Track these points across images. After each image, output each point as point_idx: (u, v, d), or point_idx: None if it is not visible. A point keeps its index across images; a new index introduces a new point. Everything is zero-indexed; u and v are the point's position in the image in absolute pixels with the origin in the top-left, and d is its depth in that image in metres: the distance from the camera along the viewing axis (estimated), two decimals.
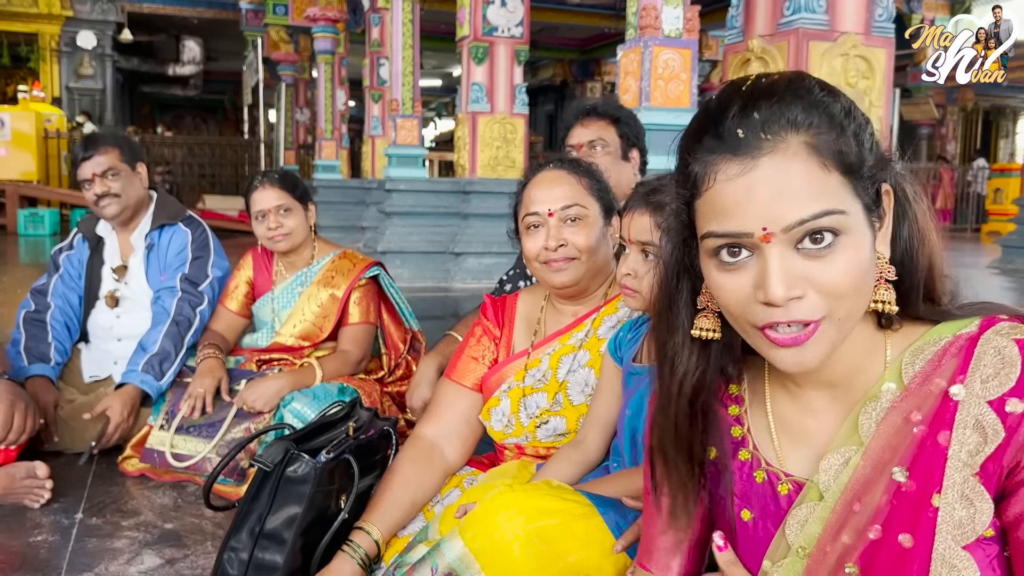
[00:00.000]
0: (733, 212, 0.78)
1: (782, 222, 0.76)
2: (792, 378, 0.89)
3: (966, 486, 0.78)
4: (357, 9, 11.58)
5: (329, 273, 2.56)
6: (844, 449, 0.84)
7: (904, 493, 0.80)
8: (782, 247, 0.77)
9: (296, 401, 2.25)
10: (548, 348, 1.65)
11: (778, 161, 0.77)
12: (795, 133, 0.77)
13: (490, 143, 6.81)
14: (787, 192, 0.76)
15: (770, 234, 0.76)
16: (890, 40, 3.56)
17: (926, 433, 0.80)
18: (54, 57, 15.24)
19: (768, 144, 0.77)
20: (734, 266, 0.80)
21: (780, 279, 0.76)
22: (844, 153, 0.78)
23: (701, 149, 0.81)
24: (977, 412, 0.78)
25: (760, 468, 0.92)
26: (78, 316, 2.77)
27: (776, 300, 0.76)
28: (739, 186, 0.78)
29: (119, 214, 2.68)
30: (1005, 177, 13.51)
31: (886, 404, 0.83)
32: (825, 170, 0.77)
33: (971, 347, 0.80)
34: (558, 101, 18.58)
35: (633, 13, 4.22)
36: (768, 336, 0.79)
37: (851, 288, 0.78)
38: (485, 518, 1.17)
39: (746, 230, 0.77)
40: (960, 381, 0.79)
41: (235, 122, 20.60)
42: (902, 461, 0.80)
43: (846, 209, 0.77)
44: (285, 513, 1.51)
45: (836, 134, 0.78)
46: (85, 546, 1.91)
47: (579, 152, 2.27)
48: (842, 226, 0.77)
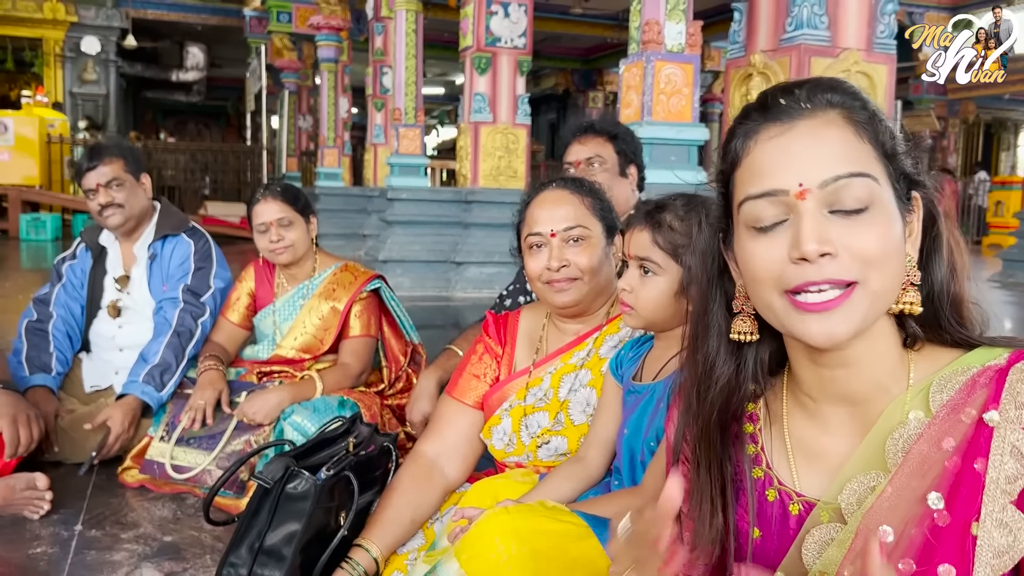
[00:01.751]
0: (771, 171, 0.81)
1: (818, 178, 0.78)
2: (809, 392, 0.89)
3: (1004, 514, 0.76)
4: (360, 18, 11.63)
5: (330, 286, 2.57)
6: (869, 475, 0.83)
7: (940, 527, 0.78)
8: (816, 205, 0.78)
9: (296, 414, 2.25)
10: (550, 367, 1.66)
11: (816, 125, 0.81)
12: (833, 108, 0.82)
13: (492, 153, 6.82)
14: (823, 151, 0.79)
15: (805, 191, 0.78)
16: (891, 56, 3.57)
17: (961, 460, 0.79)
18: (58, 62, 15.28)
19: (808, 111, 0.81)
20: (768, 233, 0.81)
21: (813, 234, 0.77)
22: (880, 134, 0.82)
23: (745, 123, 0.85)
24: (1014, 439, 0.77)
25: (772, 487, 0.91)
26: (80, 326, 2.78)
27: (809, 254, 0.77)
28: (777, 145, 0.81)
29: (123, 224, 2.69)
30: (1006, 190, 13.52)
31: (913, 432, 0.82)
32: (860, 140, 0.80)
33: (1001, 377, 0.80)
34: (560, 110, 18.62)
35: (636, 28, 4.24)
36: (798, 303, 0.79)
37: (882, 256, 0.78)
38: (481, 540, 1.17)
39: (782, 186, 0.79)
40: (994, 408, 0.79)
41: (238, 128, 20.63)
42: (936, 487, 0.79)
43: (879, 179, 0.80)
44: (285, 530, 1.51)
45: (871, 118, 0.82)
46: (84, 559, 1.91)
47: (577, 169, 2.29)
48: (873, 195, 0.79)
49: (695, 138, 4.39)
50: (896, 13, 3.67)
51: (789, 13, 3.43)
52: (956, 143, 16.42)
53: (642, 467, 1.38)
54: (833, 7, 3.43)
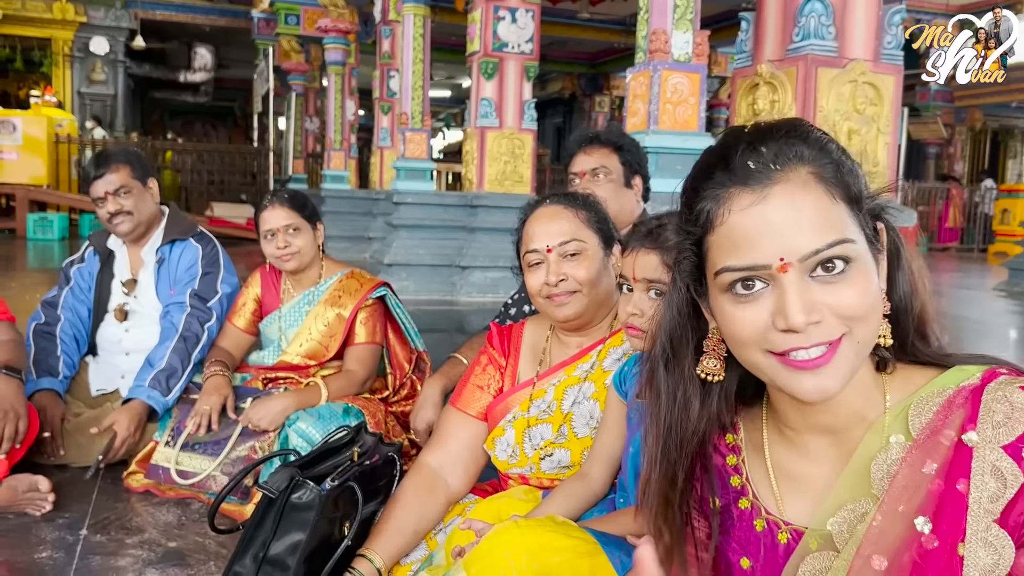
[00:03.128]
0: (749, 244, 0.80)
1: (798, 252, 0.78)
2: (790, 424, 0.90)
3: (989, 533, 0.77)
4: (368, 21, 11.66)
5: (336, 293, 2.58)
6: (857, 503, 0.84)
7: (928, 550, 0.79)
8: (798, 275, 0.79)
9: (301, 420, 2.26)
10: (553, 379, 1.66)
11: (789, 191, 0.80)
12: (802, 165, 0.81)
13: (498, 158, 6.84)
14: (801, 222, 0.79)
15: (787, 264, 0.78)
16: (899, 67, 3.57)
17: (944, 483, 0.79)
18: (67, 62, 15.37)
19: (779, 175, 0.80)
20: (749, 298, 0.81)
21: (799, 306, 0.78)
22: (848, 185, 0.82)
23: (712, 184, 0.83)
24: (993, 458, 0.78)
25: (760, 516, 0.92)
26: (87, 329, 2.80)
27: (797, 326, 0.78)
28: (754, 216, 0.80)
29: (132, 231, 2.71)
30: (1013, 198, 13.51)
31: (896, 456, 0.83)
32: (832, 200, 0.80)
33: (976, 397, 0.81)
34: (566, 115, 18.64)
35: (643, 36, 4.24)
36: (788, 361, 0.80)
37: (866, 311, 0.80)
38: (490, 554, 1.18)
39: (763, 262, 0.79)
40: (971, 428, 0.80)
41: (244, 130, 20.72)
42: (922, 511, 0.80)
43: (854, 238, 0.80)
44: (289, 539, 1.52)
45: (838, 167, 0.82)
46: (89, 563, 1.92)
47: (582, 180, 2.29)
48: (852, 254, 0.79)
49: (701, 147, 4.35)
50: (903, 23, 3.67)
51: (796, 23, 3.43)
52: (963, 151, 16.40)
53: None
54: (840, 17, 3.44)
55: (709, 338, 0.91)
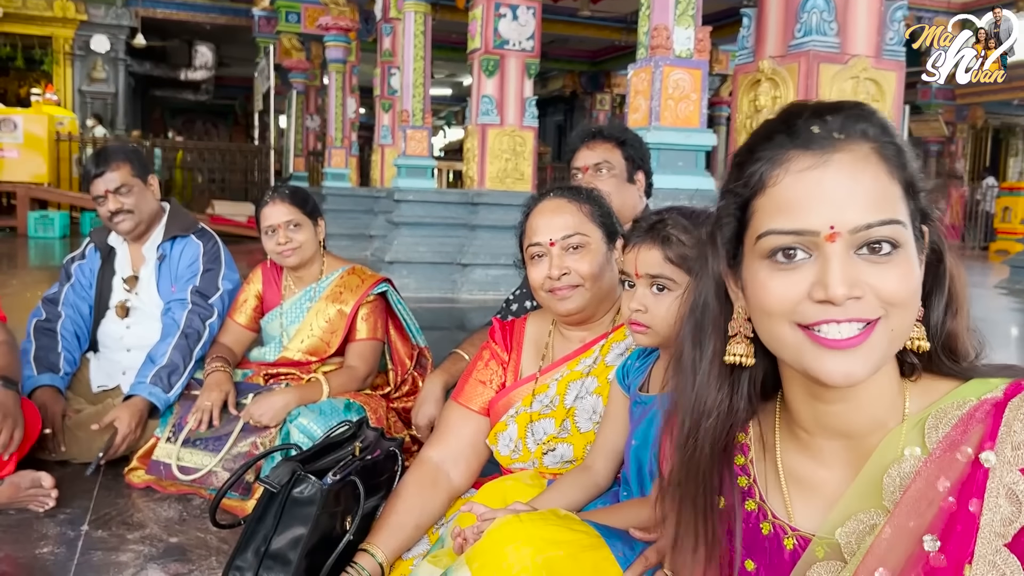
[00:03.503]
0: (801, 208, 0.77)
1: (850, 223, 0.76)
2: (803, 425, 0.88)
3: (998, 557, 0.75)
4: (369, 19, 11.65)
5: (337, 289, 2.58)
6: (867, 513, 0.82)
7: (935, 568, 0.77)
8: (844, 248, 0.76)
9: (302, 416, 2.26)
10: (556, 374, 1.66)
11: (850, 161, 0.77)
12: (866, 140, 0.79)
13: (499, 155, 6.84)
14: (857, 193, 0.77)
15: (836, 233, 0.76)
16: (901, 63, 3.57)
17: (955, 502, 0.77)
18: (67, 60, 15.36)
19: (842, 143, 0.78)
20: (788, 267, 0.79)
21: (842, 278, 0.75)
22: (907, 171, 0.80)
23: (770, 145, 0.81)
24: (1010, 480, 0.75)
25: (767, 520, 0.90)
26: (88, 326, 2.79)
27: (837, 298, 0.75)
28: (810, 180, 0.77)
29: (133, 229, 2.70)
30: (1014, 196, 13.50)
31: (910, 469, 0.80)
32: (891, 180, 0.79)
33: (998, 413, 0.78)
34: (567, 112, 18.62)
35: (644, 32, 4.24)
36: (817, 337, 0.77)
37: (906, 299, 0.78)
38: (492, 548, 1.17)
39: (813, 227, 0.77)
40: (989, 448, 0.77)
41: (245, 128, 20.71)
42: (932, 529, 0.77)
43: (905, 222, 0.78)
44: (290, 534, 1.52)
45: (899, 151, 0.80)
46: (90, 559, 1.92)
47: (585, 174, 2.29)
48: (900, 238, 0.77)
49: (703, 143, 4.39)
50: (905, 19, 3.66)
51: (798, 19, 3.43)
52: (964, 148, 16.38)
53: (650, 478, 1.38)
54: (842, 14, 3.43)
55: (734, 319, 0.88)
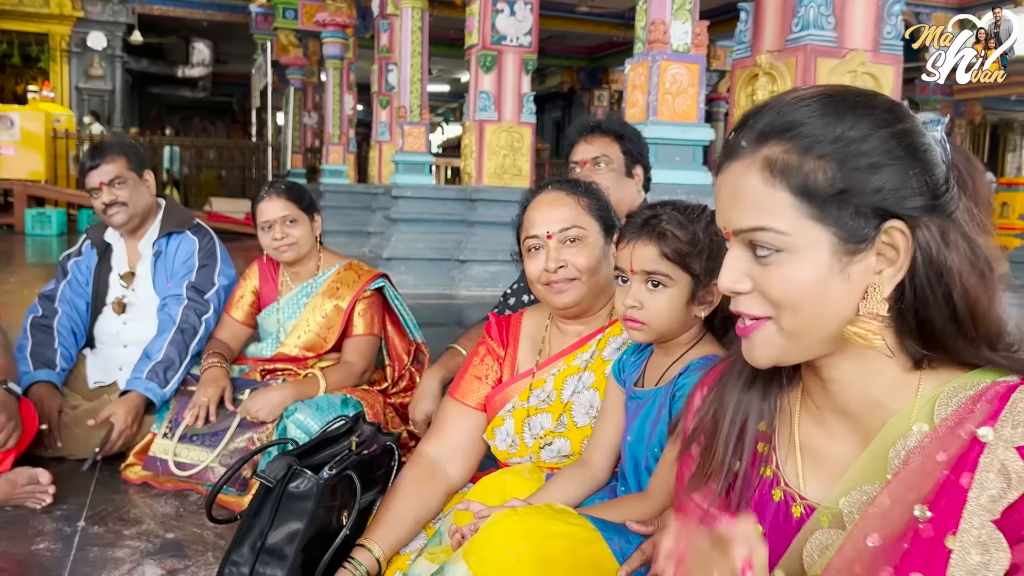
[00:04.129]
0: (719, 207, 0.89)
1: (730, 226, 0.86)
2: (815, 400, 0.92)
3: (983, 531, 0.75)
4: (366, 15, 11.62)
5: (334, 284, 2.57)
6: (871, 486, 0.84)
7: (922, 537, 0.78)
8: (739, 246, 0.85)
9: (299, 412, 2.25)
10: (553, 368, 1.65)
11: (738, 169, 0.85)
12: (762, 145, 0.83)
13: (497, 151, 6.82)
14: (735, 200, 0.85)
15: (727, 232, 0.87)
16: (898, 57, 3.56)
17: (949, 474, 0.78)
18: (64, 57, 15.32)
19: (741, 152, 0.85)
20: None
21: (727, 272, 0.86)
22: (806, 176, 0.80)
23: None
24: (1004, 457, 0.76)
25: (779, 487, 0.93)
26: (85, 322, 2.79)
27: (722, 289, 0.87)
28: (719, 184, 0.88)
29: (127, 222, 2.69)
30: (1012, 191, 13.48)
31: (914, 443, 0.82)
32: (771, 187, 0.82)
33: (1007, 394, 0.78)
34: (565, 108, 18.59)
35: (642, 27, 4.23)
36: (736, 327, 0.89)
37: (789, 302, 0.82)
38: (490, 542, 1.17)
39: (721, 224, 0.88)
40: (990, 424, 0.77)
41: (243, 125, 20.68)
42: (924, 500, 0.79)
43: (786, 230, 0.81)
44: (287, 528, 1.51)
45: (804, 156, 0.80)
46: (87, 555, 1.91)
47: (583, 168, 2.28)
48: (780, 244, 0.81)
49: (700, 138, 4.38)
50: (903, 14, 3.65)
51: (795, 13, 3.42)
52: (962, 144, 16.32)
53: (647, 473, 1.38)
54: (840, 8, 3.42)
55: None
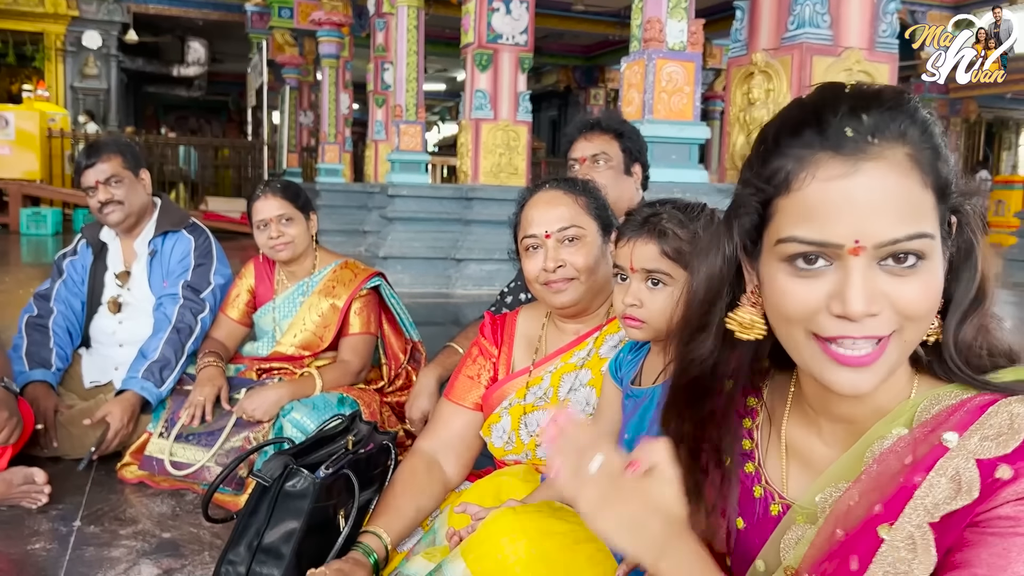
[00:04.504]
0: (826, 218, 0.74)
1: (876, 238, 0.73)
2: (811, 404, 0.88)
3: (917, 532, 0.74)
4: (362, 13, 11.61)
5: (330, 283, 2.57)
6: (846, 483, 0.83)
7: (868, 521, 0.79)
8: (868, 261, 0.73)
9: (296, 411, 2.25)
10: (550, 366, 1.65)
11: (882, 170, 0.73)
12: (902, 144, 0.74)
13: (493, 150, 6.82)
14: (886, 207, 0.73)
15: (860, 248, 0.73)
16: (894, 56, 3.57)
17: (908, 476, 0.77)
18: (59, 57, 15.27)
19: (875, 150, 0.74)
20: (809, 273, 0.76)
21: (862, 294, 0.73)
22: (940, 175, 0.76)
23: (798, 143, 0.77)
24: (960, 465, 0.74)
25: (760, 484, 0.92)
26: (80, 321, 2.78)
27: (855, 315, 0.73)
28: (838, 189, 0.73)
29: (123, 221, 2.69)
30: (1007, 189, 13.52)
31: (888, 445, 0.81)
32: (924, 188, 0.75)
33: (985, 407, 0.77)
34: (561, 107, 18.59)
35: (637, 25, 4.23)
36: (831, 352, 0.76)
37: (926, 312, 0.76)
38: (488, 540, 1.17)
39: (837, 241, 0.74)
40: (959, 432, 0.76)
41: (239, 124, 20.62)
42: (883, 499, 0.78)
43: (933, 233, 0.75)
44: (283, 528, 1.51)
45: (935, 153, 0.76)
46: (83, 555, 1.91)
47: (582, 166, 2.27)
48: (927, 250, 0.74)
49: (696, 136, 4.38)
50: (898, 12, 3.66)
51: (791, 12, 3.43)
52: (957, 142, 16.40)
53: None
54: (835, 6, 3.43)
55: (747, 294, 0.87)
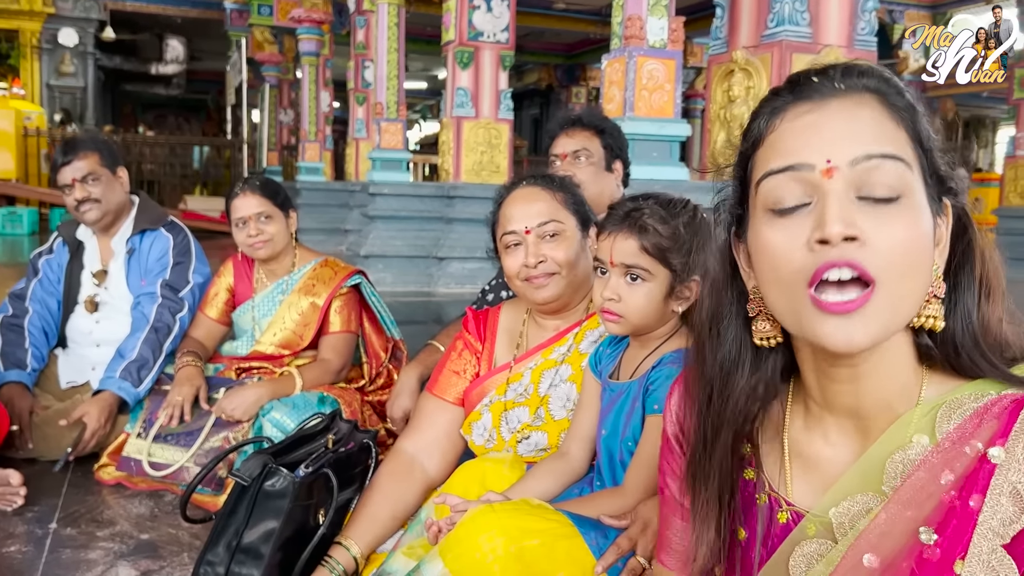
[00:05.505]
0: (797, 146, 0.75)
1: (848, 155, 0.73)
2: (815, 398, 0.85)
3: (993, 557, 0.71)
4: (342, 11, 11.56)
5: (310, 281, 2.55)
6: (865, 496, 0.79)
7: (926, 560, 0.74)
8: (844, 187, 0.73)
9: (275, 410, 2.24)
10: (530, 362, 1.65)
11: (849, 104, 0.75)
12: (869, 93, 0.76)
13: (474, 148, 6.80)
14: (856, 127, 0.74)
15: (833, 168, 0.72)
16: (872, 53, 3.59)
17: (956, 496, 0.74)
18: (35, 54, 15.08)
19: (841, 92, 0.76)
20: (789, 216, 0.75)
21: (839, 215, 0.71)
22: (916, 124, 0.76)
23: (772, 102, 0.80)
24: (1015, 479, 0.72)
25: (763, 491, 0.89)
26: (56, 321, 2.74)
27: (833, 236, 0.71)
28: (806, 122, 0.76)
29: (100, 219, 2.65)
30: (984, 187, 13.67)
31: (915, 457, 0.77)
32: (896, 124, 0.75)
33: (1016, 410, 0.74)
34: (543, 105, 18.59)
35: (618, 23, 4.23)
36: (818, 301, 0.73)
37: (904, 257, 0.73)
38: (466, 539, 1.16)
39: (808, 160, 0.74)
40: (1000, 444, 0.73)
41: (218, 122, 20.48)
42: (929, 522, 0.74)
43: (912, 166, 0.74)
44: (263, 527, 1.49)
45: (909, 107, 0.77)
46: (59, 557, 1.88)
47: (563, 162, 2.27)
48: (906, 184, 0.73)
49: (677, 134, 4.39)
50: (876, 11, 3.68)
51: (771, 9, 3.44)
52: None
53: (622, 467, 1.38)
54: (814, 4, 3.45)
55: (752, 299, 0.84)
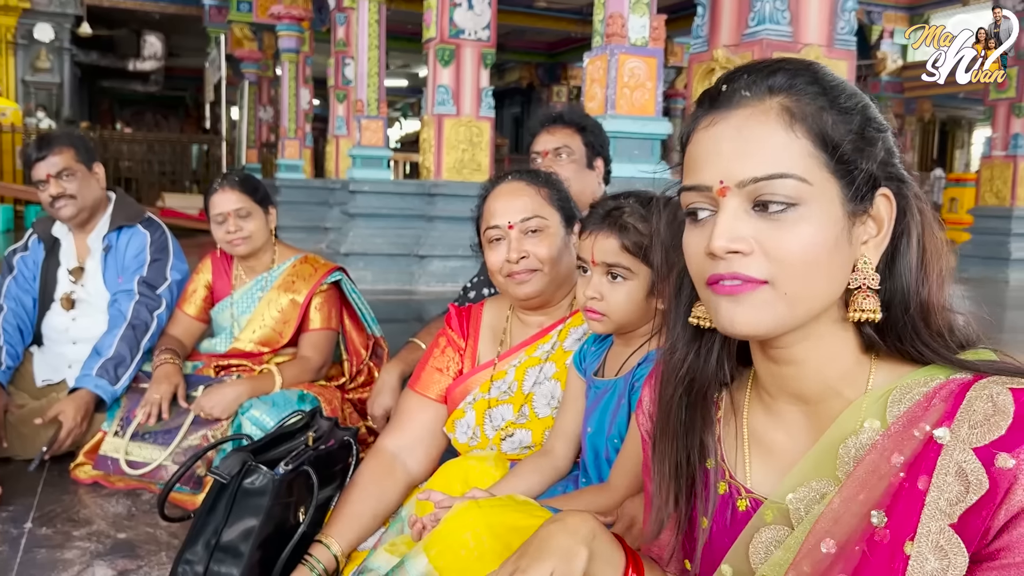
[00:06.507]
0: (701, 164, 0.80)
1: (736, 177, 0.76)
2: (766, 386, 0.88)
3: (941, 536, 0.73)
4: (323, 8, 11.49)
5: (290, 278, 2.53)
6: (820, 482, 0.82)
7: (877, 542, 0.76)
8: (737, 203, 0.77)
9: (255, 408, 2.21)
10: (514, 359, 1.64)
11: (747, 116, 0.78)
12: (774, 96, 0.78)
13: (456, 146, 6.79)
14: (748, 148, 0.77)
15: (725, 188, 0.77)
16: (852, 52, 3.62)
17: (905, 477, 0.75)
18: (10, 50, 14.89)
19: (745, 100, 0.78)
20: (699, 224, 0.80)
21: (723, 231, 0.76)
22: (824, 125, 0.77)
23: (695, 113, 0.83)
24: (960, 458, 0.73)
25: (723, 479, 0.91)
26: (32, 319, 2.71)
27: (715, 250, 0.76)
28: (708, 136, 0.79)
29: (75, 216, 2.62)
30: (960, 187, 13.79)
31: (866, 442, 0.79)
32: (792, 134, 0.76)
33: (962, 393, 0.76)
34: (524, 104, 18.60)
35: (600, 21, 4.23)
36: (714, 287, 0.78)
37: (800, 262, 0.75)
38: (451, 535, 1.15)
39: (706, 183, 0.78)
40: (946, 425, 0.75)
41: (197, 119, 20.33)
42: (880, 504, 0.76)
43: (809, 180, 0.75)
44: (242, 526, 1.47)
45: (821, 106, 0.78)
46: (34, 557, 1.86)
47: (544, 159, 2.27)
48: (800, 196, 0.75)
49: (658, 132, 4.40)
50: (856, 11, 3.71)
51: (751, 8, 3.45)
52: (913, 141, 16.71)
53: (607, 464, 1.37)
54: (795, 3, 3.46)
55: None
